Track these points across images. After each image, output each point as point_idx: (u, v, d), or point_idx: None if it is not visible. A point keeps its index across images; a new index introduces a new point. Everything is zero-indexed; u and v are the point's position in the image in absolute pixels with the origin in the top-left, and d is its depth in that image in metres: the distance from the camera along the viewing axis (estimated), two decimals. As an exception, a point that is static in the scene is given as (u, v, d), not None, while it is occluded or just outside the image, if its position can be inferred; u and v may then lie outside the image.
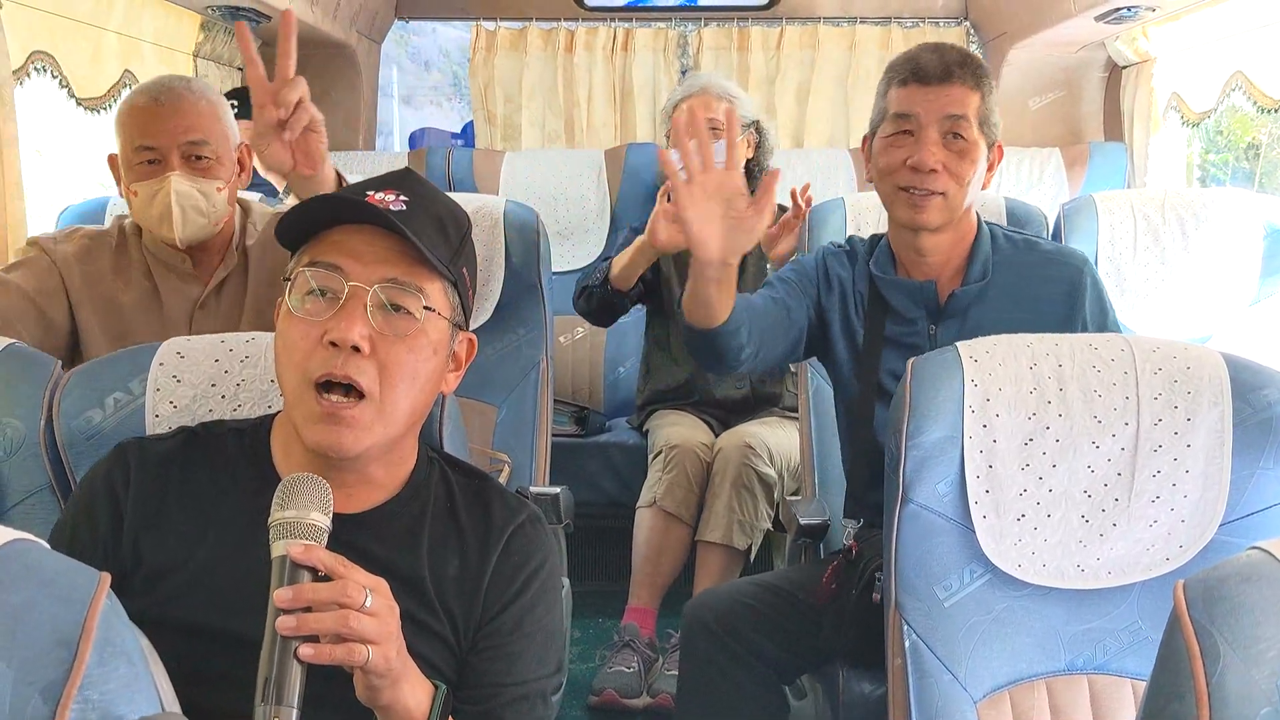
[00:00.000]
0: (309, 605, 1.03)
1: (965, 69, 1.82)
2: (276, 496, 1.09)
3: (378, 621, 1.05)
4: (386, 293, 1.21)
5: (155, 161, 1.90)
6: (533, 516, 1.33)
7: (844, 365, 1.96)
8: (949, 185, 1.81)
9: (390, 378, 1.21)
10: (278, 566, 1.05)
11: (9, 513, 1.48)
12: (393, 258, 1.22)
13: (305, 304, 1.21)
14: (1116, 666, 1.49)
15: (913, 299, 1.90)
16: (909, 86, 1.82)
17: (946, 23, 4.21)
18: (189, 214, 1.91)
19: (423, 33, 6.84)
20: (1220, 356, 1.52)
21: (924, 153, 1.80)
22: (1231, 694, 0.81)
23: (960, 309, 1.89)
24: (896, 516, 1.50)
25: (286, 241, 1.27)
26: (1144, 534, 1.48)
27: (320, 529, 1.08)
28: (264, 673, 1.01)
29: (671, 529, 2.75)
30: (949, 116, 1.80)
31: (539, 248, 2.55)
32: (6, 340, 1.54)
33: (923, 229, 1.85)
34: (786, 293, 1.91)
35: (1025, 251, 1.93)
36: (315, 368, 1.19)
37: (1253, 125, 4.52)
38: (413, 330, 1.22)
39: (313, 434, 1.19)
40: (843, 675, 1.86)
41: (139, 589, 1.21)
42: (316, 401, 1.19)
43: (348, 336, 1.17)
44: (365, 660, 1.04)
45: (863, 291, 1.95)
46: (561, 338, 3.30)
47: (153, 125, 1.91)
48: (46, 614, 0.77)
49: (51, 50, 2.62)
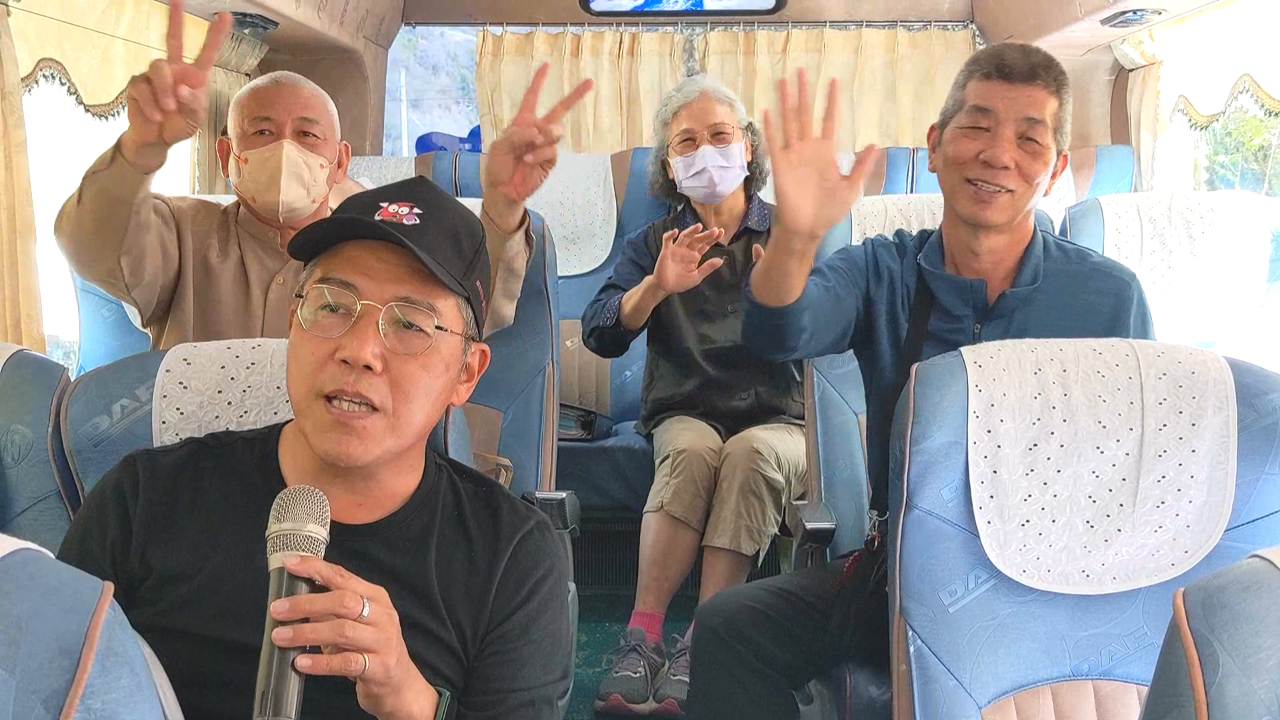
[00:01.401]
0: (306, 616, 1.03)
1: (1049, 72, 1.80)
2: (273, 509, 1.10)
3: (375, 630, 1.05)
4: (400, 311, 1.21)
5: (269, 132, 2.09)
6: (541, 523, 1.33)
7: (885, 358, 1.94)
8: (1018, 184, 1.80)
9: (403, 394, 1.21)
10: (275, 579, 1.06)
11: (16, 519, 1.49)
12: (406, 275, 1.22)
13: (318, 318, 1.22)
14: (1122, 672, 1.49)
15: (961, 296, 1.88)
16: (992, 81, 1.80)
17: (953, 26, 4.21)
18: (293, 180, 2.08)
19: (431, 37, 6.85)
20: (1225, 361, 1.52)
21: (998, 148, 1.78)
22: (1231, 703, 0.81)
23: (1007, 311, 1.87)
24: (901, 522, 1.50)
25: (300, 255, 1.28)
26: (1149, 539, 1.47)
27: (317, 540, 1.08)
28: (262, 684, 1.02)
29: (678, 534, 2.75)
30: (1027, 118, 1.78)
31: (545, 252, 2.55)
32: (14, 347, 1.55)
33: (984, 225, 1.83)
34: (837, 281, 1.89)
35: (1076, 262, 1.91)
36: (326, 383, 1.19)
37: (1262, 127, 4.50)
38: (425, 348, 1.22)
39: (322, 443, 1.20)
40: (850, 679, 1.85)
41: (148, 598, 1.22)
42: (326, 410, 1.19)
43: (360, 356, 1.18)
44: (363, 669, 1.04)
45: (910, 285, 1.93)
46: (568, 342, 3.30)
47: (272, 100, 2.11)
48: (49, 623, 0.78)
49: (60, 57, 2.63)
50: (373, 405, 1.19)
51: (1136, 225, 2.87)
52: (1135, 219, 2.87)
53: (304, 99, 2.12)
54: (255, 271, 2.14)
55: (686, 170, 2.98)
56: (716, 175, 2.95)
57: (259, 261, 2.14)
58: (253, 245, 2.15)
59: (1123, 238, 2.86)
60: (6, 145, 2.32)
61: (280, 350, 1.52)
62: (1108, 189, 3.64)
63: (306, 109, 2.12)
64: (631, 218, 3.55)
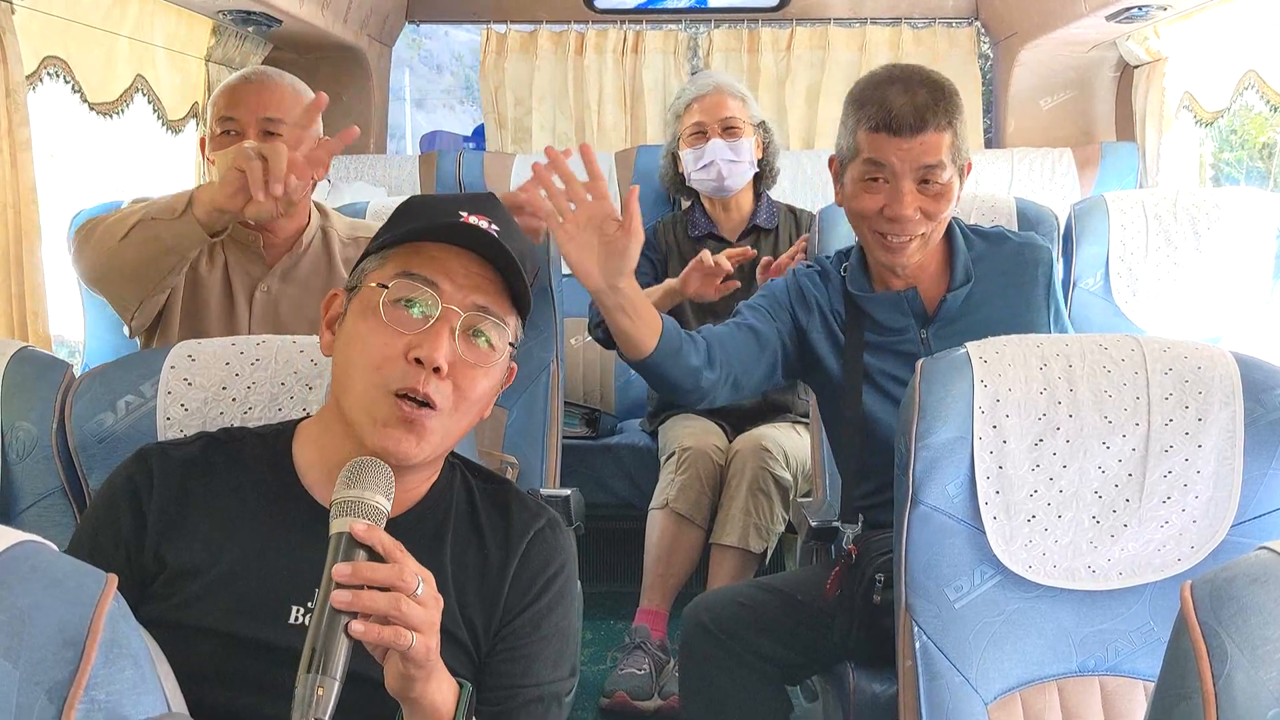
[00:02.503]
0: (365, 584, 1.04)
1: (937, 111, 1.77)
2: (342, 476, 1.11)
3: (425, 611, 1.06)
4: (476, 320, 1.23)
5: (235, 133, 2.03)
6: (552, 521, 1.34)
7: (833, 380, 1.95)
8: (926, 226, 1.81)
9: (464, 400, 1.23)
10: (335, 542, 1.07)
11: (22, 515, 1.49)
12: (485, 285, 1.25)
13: (395, 312, 1.22)
14: (1129, 668, 1.49)
15: (898, 309, 1.90)
16: (880, 135, 1.78)
17: (957, 23, 4.20)
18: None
19: (435, 36, 6.86)
20: (1231, 356, 1.51)
21: (900, 204, 1.79)
22: (1239, 695, 0.81)
23: (951, 315, 1.89)
24: (906, 518, 1.50)
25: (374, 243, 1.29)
26: (1155, 535, 1.47)
27: (382, 512, 1.10)
28: (311, 643, 1.02)
29: (684, 531, 2.74)
30: (924, 165, 1.78)
31: (549, 250, 2.55)
32: (19, 344, 1.55)
33: (901, 266, 1.86)
34: (755, 318, 1.91)
35: (998, 243, 1.94)
36: (395, 379, 1.20)
37: (1268, 124, 4.49)
38: (491, 360, 1.25)
39: (381, 438, 1.20)
40: (853, 676, 1.85)
41: (161, 593, 1.22)
42: (396, 406, 1.20)
43: (434, 358, 1.19)
44: (409, 646, 1.04)
45: (839, 309, 1.95)
46: (572, 340, 3.30)
47: (236, 100, 2.05)
48: (53, 615, 0.78)
49: (64, 55, 2.63)
50: (434, 407, 1.21)
51: (1142, 222, 2.86)
52: (1141, 216, 2.86)
53: (269, 98, 2.05)
54: (239, 279, 2.09)
55: (696, 163, 2.98)
56: (725, 169, 2.96)
57: (243, 269, 2.10)
58: (237, 252, 2.10)
59: (1128, 234, 2.86)
60: (11, 143, 2.32)
61: (284, 348, 1.52)
62: (1113, 186, 3.63)
63: (269, 108, 2.04)
64: (636, 215, 3.54)
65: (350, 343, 1.25)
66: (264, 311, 2.06)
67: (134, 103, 2.91)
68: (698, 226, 3.07)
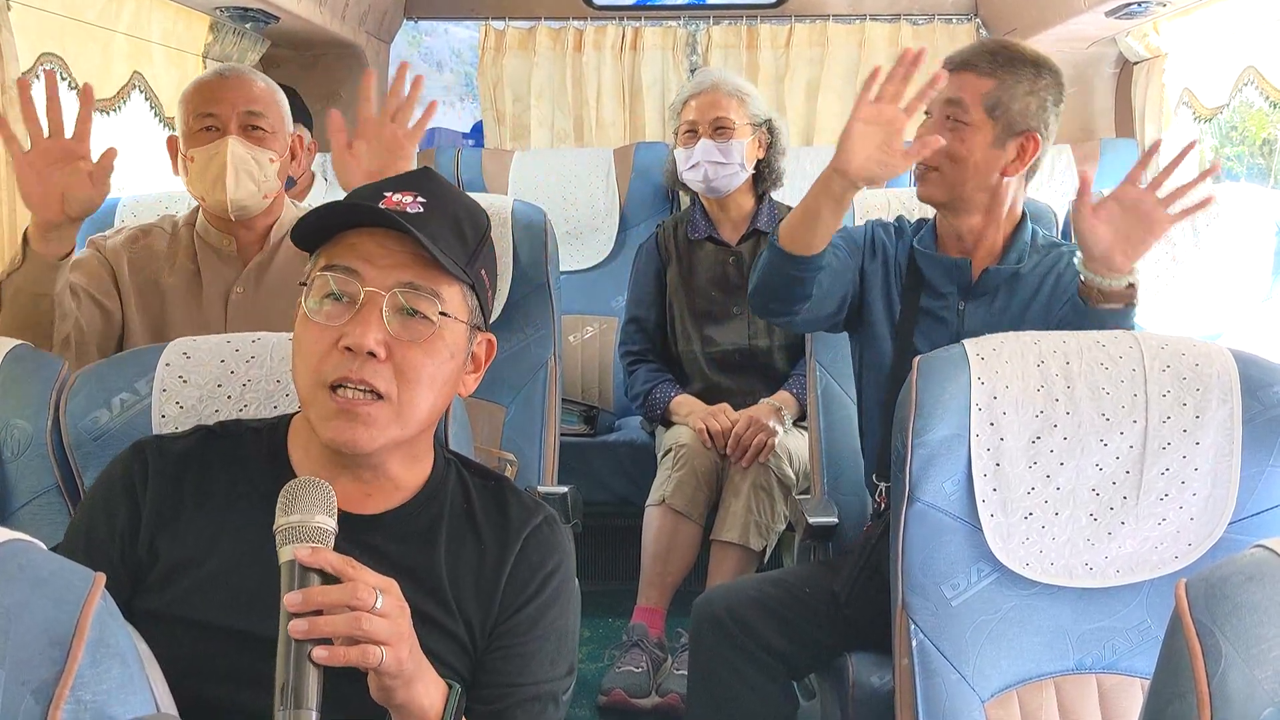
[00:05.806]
0: (319, 608, 1.02)
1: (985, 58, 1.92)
2: (280, 502, 1.09)
3: (389, 623, 1.05)
4: (403, 297, 1.21)
5: (215, 129, 2.03)
6: (549, 518, 1.34)
7: (879, 333, 2.03)
8: (942, 162, 1.92)
9: (407, 381, 1.21)
10: (286, 571, 1.05)
11: (16, 513, 1.49)
12: (409, 261, 1.22)
13: (322, 307, 1.21)
14: (1126, 666, 1.49)
15: (947, 274, 1.99)
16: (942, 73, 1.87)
17: (957, 19, 4.19)
18: (242, 177, 2.02)
19: (435, 33, 6.82)
20: (1229, 353, 1.51)
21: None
22: (1233, 694, 0.80)
23: (990, 288, 1.97)
24: (903, 515, 1.50)
25: (304, 244, 1.27)
26: (1152, 532, 1.47)
27: (326, 531, 1.07)
28: (281, 678, 1.01)
29: (681, 527, 2.74)
30: (949, 101, 1.92)
31: (547, 247, 2.55)
32: (13, 342, 1.55)
33: (925, 202, 1.99)
34: (835, 256, 1.96)
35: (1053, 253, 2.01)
36: (330, 371, 1.19)
37: (1268, 120, 4.48)
38: (429, 335, 1.22)
39: (328, 431, 1.20)
40: (852, 670, 1.85)
41: (155, 587, 1.22)
42: (331, 398, 1.19)
43: (363, 343, 1.18)
44: (379, 662, 1.03)
45: (903, 264, 2.04)
46: (570, 337, 3.30)
47: (215, 95, 2.05)
48: (39, 614, 0.77)
49: (60, 52, 2.62)
50: (377, 392, 1.19)
51: (1141, 218, 2.85)
52: (1140, 212, 2.85)
53: (249, 92, 2.06)
54: (211, 283, 2.07)
55: (685, 162, 2.97)
56: (711, 171, 2.93)
57: (214, 272, 2.08)
58: (209, 254, 2.09)
59: (1127, 231, 2.84)
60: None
61: (280, 344, 1.52)
62: (1112, 182, 3.56)
63: (252, 102, 2.05)
64: (634, 212, 3.54)
65: (295, 347, 1.24)
66: (241, 313, 2.05)
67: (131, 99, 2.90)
68: (697, 228, 3.05)
